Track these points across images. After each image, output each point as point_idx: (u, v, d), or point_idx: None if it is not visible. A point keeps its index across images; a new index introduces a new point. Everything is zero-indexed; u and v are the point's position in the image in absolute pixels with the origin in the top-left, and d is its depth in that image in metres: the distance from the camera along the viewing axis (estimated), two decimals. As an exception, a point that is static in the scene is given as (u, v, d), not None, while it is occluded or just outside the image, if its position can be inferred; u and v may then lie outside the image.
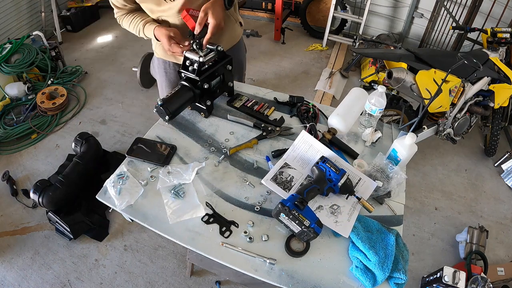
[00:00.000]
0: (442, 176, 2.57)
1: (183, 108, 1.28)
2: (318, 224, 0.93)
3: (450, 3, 3.29)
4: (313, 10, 4.11)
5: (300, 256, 0.95)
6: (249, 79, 3.44)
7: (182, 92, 1.24)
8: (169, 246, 2.05)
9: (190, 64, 1.24)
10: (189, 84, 1.24)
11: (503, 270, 1.93)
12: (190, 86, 1.24)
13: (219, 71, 1.30)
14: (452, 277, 1.60)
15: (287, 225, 0.95)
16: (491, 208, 2.37)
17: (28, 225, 2.15)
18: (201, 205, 1.04)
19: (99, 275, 1.93)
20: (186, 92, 1.25)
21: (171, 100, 1.21)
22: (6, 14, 3.37)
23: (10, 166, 2.52)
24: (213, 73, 1.27)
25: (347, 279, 0.92)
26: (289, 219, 0.92)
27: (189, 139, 1.26)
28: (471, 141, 2.86)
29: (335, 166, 1.06)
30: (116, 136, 2.79)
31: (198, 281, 1.90)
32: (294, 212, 0.91)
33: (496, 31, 2.33)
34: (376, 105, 1.23)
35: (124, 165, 1.15)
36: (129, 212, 1.03)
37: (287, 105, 1.43)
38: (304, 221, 0.91)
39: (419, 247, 2.12)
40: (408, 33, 3.80)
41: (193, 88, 1.24)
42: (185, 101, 1.25)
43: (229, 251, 0.95)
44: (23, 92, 2.96)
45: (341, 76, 3.49)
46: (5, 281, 1.89)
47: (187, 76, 1.25)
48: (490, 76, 2.18)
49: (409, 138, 1.09)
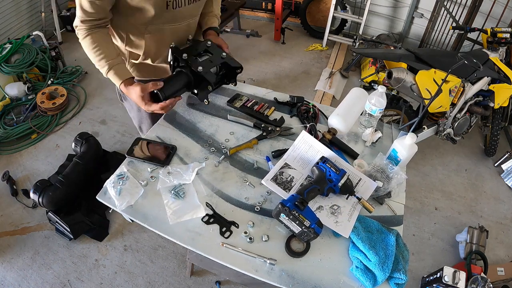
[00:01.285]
0: (442, 176, 2.57)
1: (178, 94, 1.25)
2: (319, 224, 0.93)
3: (450, 3, 3.29)
4: (313, 10, 4.10)
5: (300, 257, 0.95)
6: (249, 79, 3.44)
7: (179, 77, 1.22)
8: (169, 246, 2.05)
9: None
10: (185, 70, 1.22)
11: (503, 270, 1.93)
12: (186, 71, 1.22)
13: (214, 59, 1.27)
14: (452, 277, 1.60)
15: (287, 225, 0.95)
16: (491, 208, 2.37)
17: (28, 225, 2.15)
18: (201, 206, 1.04)
19: (99, 275, 1.93)
20: (183, 76, 1.22)
21: (167, 83, 1.17)
22: (6, 14, 3.36)
23: (10, 166, 2.52)
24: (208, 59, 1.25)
25: (348, 279, 0.92)
26: (289, 220, 0.92)
27: (189, 139, 1.26)
28: (471, 141, 2.86)
29: (335, 166, 1.06)
30: (116, 136, 2.79)
31: (198, 281, 1.90)
32: (294, 212, 0.91)
33: (496, 31, 2.33)
34: (376, 105, 1.23)
35: (124, 165, 1.14)
36: (129, 213, 1.03)
37: (287, 105, 1.43)
38: (304, 221, 0.91)
39: (419, 247, 2.12)
40: (408, 33, 3.80)
41: (188, 73, 1.22)
42: (182, 86, 1.22)
43: (229, 252, 0.95)
44: (23, 92, 2.96)
45: (341, 76, 3.49)
46: (5, 281, 1.89)
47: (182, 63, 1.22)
48: (490, 76, 2.18)
49: (409, 138, 1.09)
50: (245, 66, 3.68)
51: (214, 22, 1.43)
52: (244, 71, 1.34)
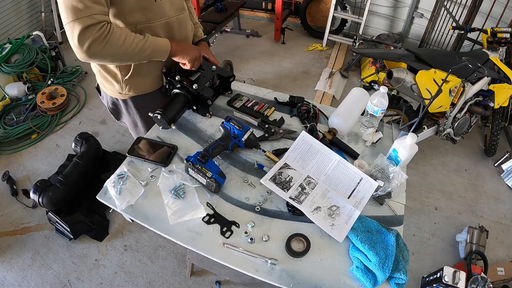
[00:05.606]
0: (442, 176, 2.58)
1: (180, 114, 1.32)
2: (221, 175, 1.05)
3: (450, 3, 3.29)
4: (313, 10, 4.11)
5: (300, 257, 0.95)
6: (249, 79, 3.44)
7: (177, 99, 1.29)
8: (169, 246, 2.05)
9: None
10: (182, 91, 1.29)
11: (503, 270, 1.93)
12: (182, 92, 1.29)
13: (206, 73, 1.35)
14: (452, 277, 1.60)
15: (196, 178, 1.07)
16: (491, 208, 2.37)
17: (28, 225, 2.15)
18: (201, 206, 1.04)
19: (99, 275, 1.93)
20: (180, 97, 1.29)
21: (167, 108, 1.24)
22: (6, 14, 3.36)
23: (10, 166, 2.52)
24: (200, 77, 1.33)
25: (348, 280, 0.92)
26: (195, 173, 1.05)
27: (189, 139, 1.26)
28: (471, 141, 2.86)
29: (239, 124, 1.18)
30: (116, 136, 2.79)
31: (198, 281, 1.90)
32: (197, 166, 1.04)
33: (496, 31, 2.33)
34: (378, 105, 1.23)
35: (124, 165, 1.14)
36: (130, 213, 1.03)
37: (288, 106, 1.43)
38: (207, 173, 1.03)
39: (419, 247, 2.12)
40: (408, 33, 3.80)
41: (185, 93, 1.29)
42: (182, 106, 1.29)
43: (229, 252, 0.95)
44: (23, 92, 2.96)
45: (341, 76, 3.49)
46: (5, 281, 1.89)
47: (178, 84, 1.29)
48: (490, 76, 2.18)
49: (410, 139, 1.09)
50: (245, 66, 3.72)
51: (201, 33, 1.49)
52: (244, 71, 1.35)
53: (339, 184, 1.10)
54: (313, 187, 1.08)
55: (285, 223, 1.03)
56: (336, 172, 1.13)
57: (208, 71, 1.35)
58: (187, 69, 1.28)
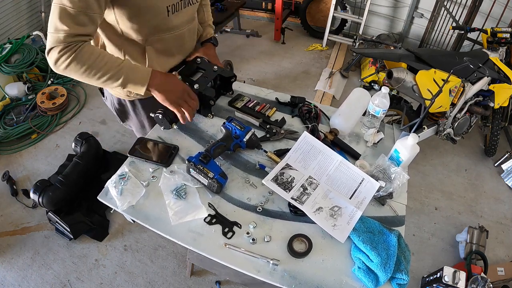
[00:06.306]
0: (442, 176, 2.58)
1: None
2: (222, 175, 1.04)
3: (450, 3, 3.30)
4: (313, 10, 4.11)
5: (302, 257, 0.95)
6: (249, 79, 3.44)
7: None
8: (169, 246, 2.05)
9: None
10: None
11: (503, 270, 1.93)
12: None
13: (207, 74, 1.32)
14: (452, 277, 1.60)
15: (198, 179, 1.07)
16: (491, 208, 2.38)
17: (28, 225, 2.15)
18: (203, 206, 1.04)
19: (99, 275, 1.93)
20: None
21: (169, 110, 1.20)
22: (6, 14, 3.35)
23: (10, 166, 2.52)
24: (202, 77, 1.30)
25: (350, 280, 0.92)
26: (197, 173, 1.05)
27: (190, 139, 1.26)
28: (471, 141, 2.87)
29: (241, 125, 1.16)
30: (116, 136, 2.79)
31: (198, 281, 1.90)
32: (199, 166, 1.03)
33: (496, 31, 2.33)
34: (379, 106, 1.23)
35: (125, 165, 1.14)
36: (131, 213, 1.03)
37: (289, 106, 1.42)
38: (208, 173, 1.03)
39: (419, 247, 2.12)
40: (408, 33, 3.81)
41: None
42: None
43: (231, 252, 0.95)
44: (23, 92, 2.95)
45: (341, 76, 3.50)
46: (5, 281, 1.89)
47: None
48: (490, 76, 2.18)
49: (411, 139, 1.09)
50: (245, 66, 3.72)
51: (210, 33, 1.44)
52: (244, 71, 1.35)
53: (341, 184, 1.10)
54: (315, 188, 1.08)
55: (287, 223, 1.03)
56: (337, 172, 1.13)
57: (210, 71, 1.34)
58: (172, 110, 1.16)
